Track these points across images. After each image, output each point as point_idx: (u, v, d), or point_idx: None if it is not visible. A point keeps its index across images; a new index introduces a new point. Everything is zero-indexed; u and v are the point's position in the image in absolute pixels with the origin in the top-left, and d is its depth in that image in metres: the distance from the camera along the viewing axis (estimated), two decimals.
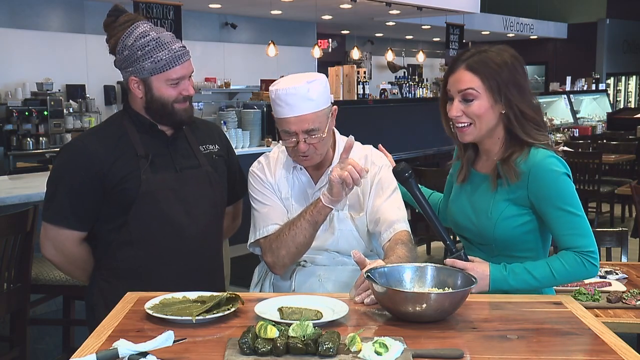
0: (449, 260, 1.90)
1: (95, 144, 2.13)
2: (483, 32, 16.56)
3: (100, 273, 2.20)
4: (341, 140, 2.26)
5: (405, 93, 11.79)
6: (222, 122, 7.64)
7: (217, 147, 2.30)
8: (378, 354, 1.39)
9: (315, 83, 2.11)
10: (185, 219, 2.14)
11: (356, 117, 8.76)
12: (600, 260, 1.95)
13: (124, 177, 2.09)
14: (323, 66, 13.03)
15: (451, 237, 1.99)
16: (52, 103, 8.81)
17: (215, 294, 1.76)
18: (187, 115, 2.18)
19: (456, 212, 2.09)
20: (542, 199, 1.91)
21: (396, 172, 1.99)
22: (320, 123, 2.12)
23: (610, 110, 14.02)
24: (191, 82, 2.18)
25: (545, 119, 2.10)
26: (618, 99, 19.92)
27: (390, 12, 12.02)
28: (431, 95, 12.29)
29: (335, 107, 2.19)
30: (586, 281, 2.79)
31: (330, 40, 15.68)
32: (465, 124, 1.96)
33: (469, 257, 1.93)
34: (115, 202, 2.11)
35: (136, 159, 2.11)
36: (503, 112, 1.95)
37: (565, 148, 8.26)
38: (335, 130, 2.29)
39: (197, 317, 1.61)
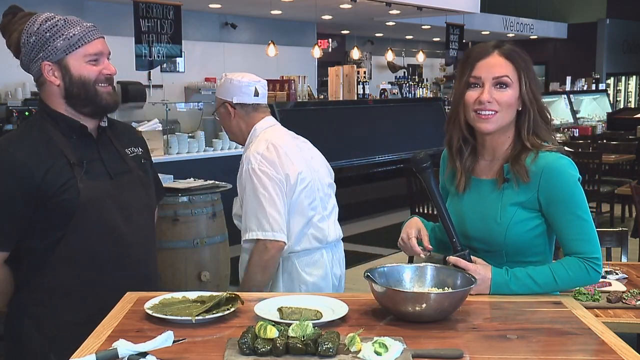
0: (452, 258, 1.88)
1: (23, 152, 1.90)
2: (483, 32, 16.55)
3: (30, 297, 1.98)
4: (256, 138, 2.67)
5: (405, 93, 11.80)
6: None
7: (140, 150, 2.18)
8: (378, 354, 1.39)
9: (224, 78, 2.70)
10: (125, 227, 2.02)
11: (356, 117, 8.77)
12: None
13: (60, 188, 1.89)
14: (323, 66, 13.03)
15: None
16: None
17: (215, 293, 1.75)
18: (112, 99, 2.00)
19: (460, 222, 2.00)
20: (554, 202, 1.87)
21: (414, 161, 1.95)
22: (216, 105, 2.76)
23: (610, 110, 14.03)
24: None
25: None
26: (618, 99, 19.92)
27: (390, 12, 12.01)
28: (431, 95, 12.29)
29: (229, 106, 2.67)
30: None
31: (330, 40, 15.67)
32: (491, 112, 1.89)
33: (472, 258, 1.91)
34: (51, 216, 1.92)
35: (69, 167, 1.92)
36: (519, 109, 1.92)
37: (566, 148, 8.25)
38: (258, 131, 2.70)
39: (196, 317, 1.61)
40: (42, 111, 2.01)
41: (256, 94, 2.67)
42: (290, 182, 2.56)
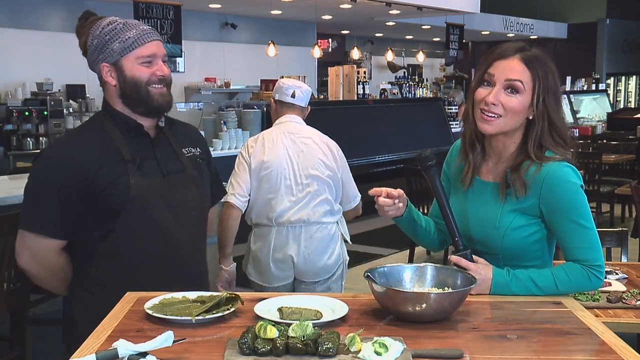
0: (454, 257, 1.88)
1: (79, 148, 2.03)
2: (483, 32, 16.57)
3: (81, 283, 2.09)
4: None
5: (405, 93, 11.79)
6: (222, 122, 7.65)
7: (198, 150, 2.22)
8: (378, 354, 1.39)
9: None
10: (174, 226, 2.06)
11: (356, 117, 8.77)
12: None
13: (111, 183, 1.98)
14: (323, 66, 13.03)
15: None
16: (52, 103, 8.82)
17: (215, 293, 1.75)
18: (164, 100, 2.06)
19: (461, 222, 1.99)
20: (556, 210, 1.86)
21: (420, 158, 1.93)
22: None
23: (610, 110, 14.03)
24: (167, 67, 2.09)
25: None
26: (618, 99, 19.92)
27: (390, 12, 12.02)
28: (431, 95, 12.29)
29: (272, 101, 3.34)
30: None
31: (330, 40, 15.68)
32: (495, 115, 1.86)
33: (474, 257, 1.91)
34: (101, 210, 2.00)
35: (123, 164, 2.01)
36: (530, 117, 1.89)
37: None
38: (274, 124, 3.34)
39: (196, 317, 1.61)
40: (104, 109, 2.13)
41: (293, 95, 3.26)
42: (252, 166, 3.14)
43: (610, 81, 19.35)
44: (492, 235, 1.92)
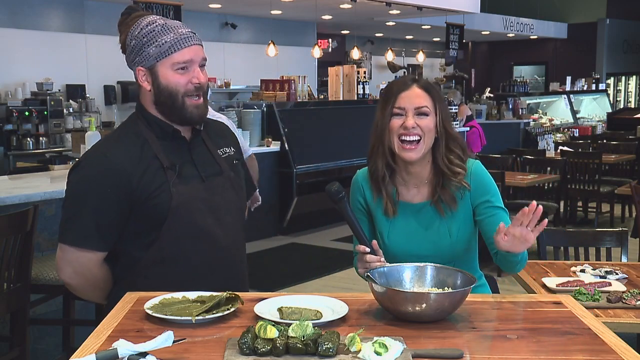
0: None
1: (120, 156, 1.95)
2: (483, 32, 16.56)
3: (124, 290, 1.96)
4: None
5: None
6: None
7: (232, 150, 2.18)
8: (378, 354, 1.39)
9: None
10: (218, 230, 2.02)
11: (356, 117, 8.77)
12: (600, 260, 1.95)
13: (153, 192, 1.93)
14: (323, 66, 13.04)
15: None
16: (52, 103, 8.81)
17: (215, 293, 1.75)
18: (197, 112, 1.99)
19: (408, 244, 2.14)
20: (484, 199, 2.12)
21: (329, 192, 1.95)
22: None
23: (610, 110, 14.04)
24: (204, 73, 2.01)
25: (545, 119, 2.27)
26: (618, 99, 19.92)
27: (390, 12, 12.02)
28: None
29: None
30: (586, 281, 2.79)
31: (330, 40, 15.69)
32: (416, 139, 2.07)
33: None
34: (144, 219, 1.96)
35: (163, 171, 1.95)
36: (436, 136, 2.11)
37: (565, 148, 8.27)
38: None
39: (196, 317, 1.61)
40: (139, 112, 2.06)
41: None
42: None
43: (610, 81, 19.34)
44: (445, 248, 2.12)
